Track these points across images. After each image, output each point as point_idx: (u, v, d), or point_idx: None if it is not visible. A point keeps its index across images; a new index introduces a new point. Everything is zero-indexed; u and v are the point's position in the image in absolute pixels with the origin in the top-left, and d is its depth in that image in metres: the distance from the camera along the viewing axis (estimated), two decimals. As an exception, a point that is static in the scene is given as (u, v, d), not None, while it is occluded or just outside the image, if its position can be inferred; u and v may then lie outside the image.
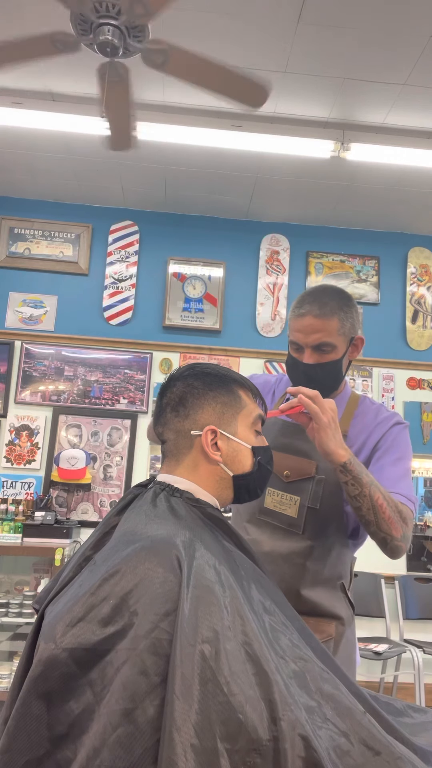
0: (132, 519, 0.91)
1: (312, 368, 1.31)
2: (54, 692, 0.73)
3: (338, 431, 1.15)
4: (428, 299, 4.16)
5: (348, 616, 1.33)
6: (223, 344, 3.98)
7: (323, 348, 1.31)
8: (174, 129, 3.08)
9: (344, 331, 1.32)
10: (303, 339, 1.31)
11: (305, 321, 1.31)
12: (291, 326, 1.36)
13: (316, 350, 1.31)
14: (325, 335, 1.30)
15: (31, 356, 3.87)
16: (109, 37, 2.00)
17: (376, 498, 1.14)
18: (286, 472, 1.35)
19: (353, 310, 1.36)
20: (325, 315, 1.30)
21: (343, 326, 1.32)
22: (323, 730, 0.72)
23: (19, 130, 3.23)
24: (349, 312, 1.34)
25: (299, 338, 1.32)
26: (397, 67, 2.70)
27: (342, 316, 1.32)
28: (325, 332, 1.30)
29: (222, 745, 0.65)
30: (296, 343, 1.33)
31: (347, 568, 1.37)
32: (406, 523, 1.19)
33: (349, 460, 1.14)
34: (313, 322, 1.30)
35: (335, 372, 1.34)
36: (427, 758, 0.84)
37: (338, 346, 1.31)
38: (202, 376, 1.01)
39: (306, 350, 1.32)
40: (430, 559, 3.83)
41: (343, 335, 1.32)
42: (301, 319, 1.32)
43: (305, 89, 2.88)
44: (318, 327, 1.29)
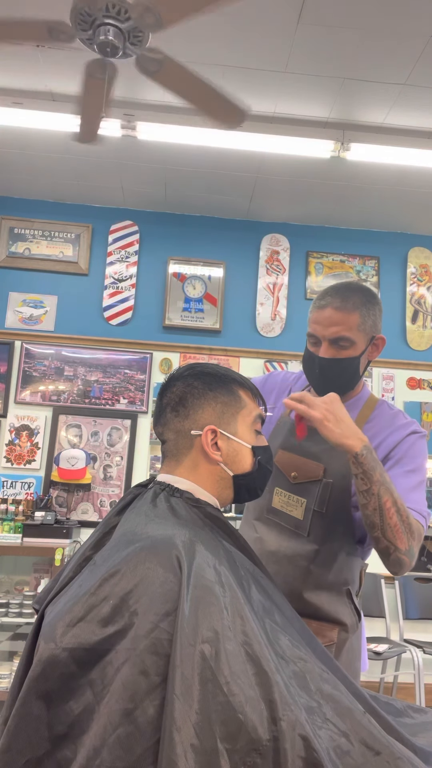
0: (132, 519, 0.91)
1: (327, 363, 1.27)
2: (54, 692, 0.73)
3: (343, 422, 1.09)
4: (428, 299, 4.16)
5: (353, 623, 1.30)
6: (223, 344, 3.98)
7: (341, 342, 1.26)
8: (174, 129, 3.08)
9: (365, 328, 1.27)
10: (321, 331, 1.27)
11: (325, 312, 1.27)
12: (310, 318, 1.31)
13: (333, 344, 1.26)
14: (345, 329, 1.25)
15: (31, 356, 3.87)
16: (110, 37, 2.00)
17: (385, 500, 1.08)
18: (294, 473, 1.31)
19: (377, 308, 1.31)
20: (346, 308, 1.26)
21: (364, 322, 1.27)
22: (323, 730, 0.73)
23: (19, 130, 3.23)
24: (372, 309, 1.30)
25: (317, 330, 1.28)
26: (397, 67, 2.69)
27: (364, 312, 1.27)
28: (345, 326, 1.25)
29: (222, 745, 0.65)
30: (314, 335, 1.29)
31: (354, 574, 1.33)
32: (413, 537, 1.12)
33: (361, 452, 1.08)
34: (333, 314, 1.26)
35: (352, 369, 1.28)
36: (427, 758, 0.84)
37: (357, 342, 1.27)
38: (202, 376, 1.01)
39: (323, 343, 1.28)
40: (430, 559, 3.83)
41: (364, 332, 1.27)
42: (321, 310, 1.28)
43: (305, 89, 2.88)
44: (337, 320, 1.25)
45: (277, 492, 1.34)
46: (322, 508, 1.28)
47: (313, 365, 1.30)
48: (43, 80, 2.93)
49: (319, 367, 1.28)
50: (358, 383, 1.36)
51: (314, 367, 1.30)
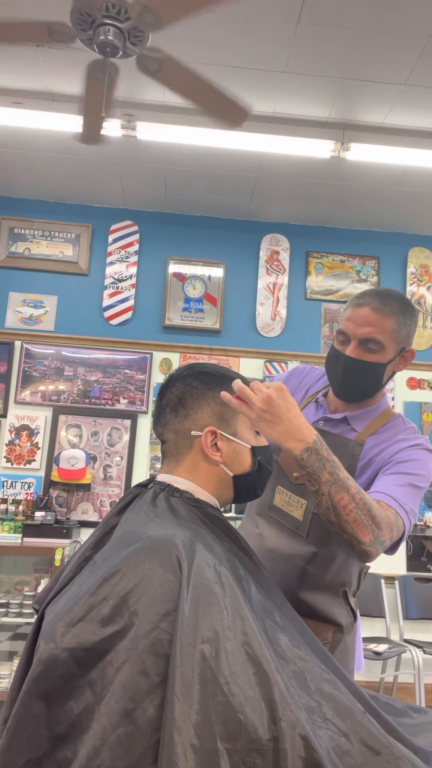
0: (132, 519, 0.91)
1: (352, 363, 1.23)
2: (54, 692, 0.73)
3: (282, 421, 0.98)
4: (428, 299, 4.16)
5: (348, 624, 1.30)
6: (223, 344, 3.98)
7: (370, 345, 1.23)
8: (174, 129, 3.07)
9: (398, 337, 1.24)
10: (353, 329, 1.23)
11: (362, 311, 1.23)
12: (344, 316, 1.28)
13: (362, 345, 1.23)
14: (378, 331, 1.22)
15: (31, 356, 3.87)
16: (110, 37, 2.00)
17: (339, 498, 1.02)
18: (296, 473, 1.29)
19: (413, 320, 1.28)
20: (384, 312, 1.23)
21: (398, 330, 1.24)
22: (323, 730, 0.72)
23: (19, 130, 3.23)
24: (409, 320, 1.27)
25: (349, 327, 1.24)
26: (397, 67, 2.69)
27: (401, 320, 1.24)
28: (379, 328, 1.22)
29: (222, 745, 0.65)
30: (344, 332, 1.25)
31: (352, 576, 1.33)
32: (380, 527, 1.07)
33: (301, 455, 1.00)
34: (370, 314, 1.22)
35: (376, 375, 1.24)
36: (427, 758, 0.84)
37: (387, 348, 1.23)
38: (201, 376, 1.01)
39: (352, 342, 1.23)
40: (430, 559, 3.83)
41: (396, 340, 1.24)
42: (358, 308, 1.24)
43: (305, 89, 2.88)
44: (373, 321, 1.22)
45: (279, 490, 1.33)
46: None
47: (336, 364, 1.26)
48: (43, 80, 2.93)
49: (343, 366, 1.24)
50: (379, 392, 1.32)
51: (338, 365, 1.26)
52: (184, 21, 2.00)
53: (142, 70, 2.22)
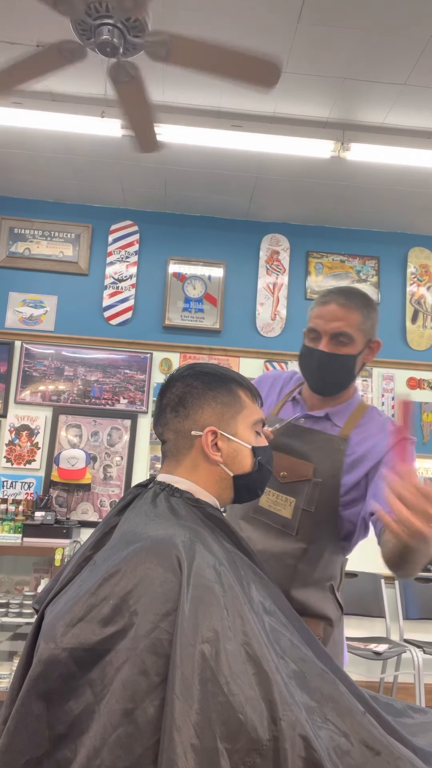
0: (132, 519, 0.91)
1: (327, 357, 1.30)
2: (54, 692, 0.73)
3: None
4: (428, 299, 4.16)
5: (336, 617, 1.33)
6: (223, 344, 3.98)
7: (341, 338, 1.30)
8: (174, 129, 3.07)
9: (364, 329, 1.32)
10: (323, 325, 1.31)
11: (329, 307, 1.31)
12: (312, 315, 1.35)
13: (333, 339, 1.30)
14: (346, 325, 1.29)
15: (31, 356, 3.87)
16: (107, 36, 1.99)
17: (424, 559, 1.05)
18: (283, 472, 1.33)
19: (375, 314, 1.37)
20: (349, 307, 1.30)
21: (364, 323, 1.32)
22: (323, 730, 0.72)
23: (19, 130, 3.23)
24: (372, 313, 1.35)
25: (319, 324, 1.31)
26: (397, 67, 2.69)
27: (365, 313, 1.32)
28: (347, 322, 1.29)
29: (222, 745, 0.65)
30: (315, 330, 1.32)
31: (338, 569, 1.37)
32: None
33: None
34: (337, 309, 1.30)
35: (348, 367, 1.32)
36: (427, 759, 0.84)
37: (356, 341, 1.31)
38: (202, 376, 1.01)
39: (324, 338, 1.31)
40: (430, 559, 3.83)
41: (363, 332, 1.32)
42: (324, 306, 1.32)
43: (305, 89, 2.87)
44: (340, 315, 1.30)
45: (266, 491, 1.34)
46: (310, 507, 1.29)
47: (311, 360, 1.33)
48: (43, 80, 2.93)
49: (318, 361, 1.31)
50: (351, 386, 1.39)
51: (312, 361, 1.32)
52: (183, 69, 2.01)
53: (154, 59, 2.15)
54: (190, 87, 2.90)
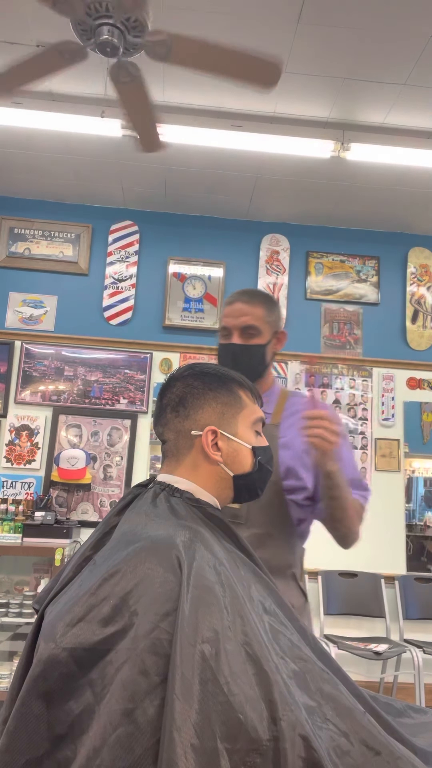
0: (132, 519, 0.91)
1: (239, 348, 1.45)
2: (54, 692, 0.73)
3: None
4: (428, 299, 4.16)
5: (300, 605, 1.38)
6: (223, 344, 3.98)
7: (249, 331, 1.45)
8: (174, 129, 3.08)
9: (269, 321, 1.48)
10: (232, 322, 1.46)
11: (235, 306, 1.48)
12: (222, 315, 1.51)
13: (243, 333, 1.45)
14: (252, 319, 1.45)
15: (31, 356, 3.87)
16: (107, 36, 1.99)
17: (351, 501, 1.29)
18: None
19: (277, 308, 1.54)
20: (253, 303, 1.47)
21: (268, 315, 1.48)
22: (323, 730, 0.72)
23: (19, 130, 3.23)
24: (274, 308, 1.52)
25: (229, 322, 1.47)
26: (397, 67, 2.70)
27: (268, 308, 1.49)
28: (252, 316, 1.45)
29: (222, 745, 0.65)
30: (226, 327, 1.48)
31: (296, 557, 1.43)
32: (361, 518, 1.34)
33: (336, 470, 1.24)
34: (242, 306, 1.47)
35: (260, 355, 1.47)
36: (427, 759, 0.84)
37: (263, 332, 1.46)
38: (202, 376, 1.01)
39: (234, 333, 1.46)
40: (430, 559, 3.83)
41: (269, 324, 1.47)
42: (231, 305, 1.49)
43: (305, 89, 2.88)
44: (246, 311, 1.46)
45: None
46: None
47: (227, 354, 1.47)
48: (44, 81, 2.93)
49: (233, 353, 1.45)
50: (267, 374, 1.52)
51: (228, 355, 1.46)
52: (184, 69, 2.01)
53: (155, 58, 2.15)
54: (190, 87, 2.90)
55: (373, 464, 3.85)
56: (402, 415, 3.94)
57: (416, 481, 3.97)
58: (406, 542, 3.78)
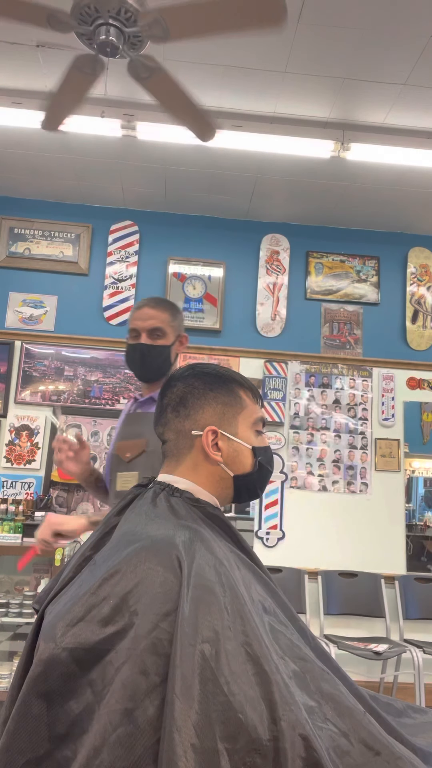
0: (132, 519, 0.91)
1: (147, 348, 1.62)
2: (54, 692, 0.73)
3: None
4: (428, 299, 4.16)
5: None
6: (223, 344, 3.98)
7: (156, 333, 1.62)
8: (174, 129, 3.07)
9: (174, 325, 1.65)
10: (141, 324, 1.63)
11: (143, 310, 1.65)
12: (131, 319, 1.67)
13: (150, 334, 1.62)
14: (159, 321, 1.63)
15: (31, 356, 3.87)
16: (111, 38, 1.99)
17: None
18: (128, 454, 1.58)
19: (180, 315, 1.71)
20: (159, 308, 1.65)
21: (173, 320, 1.65)
22: (323, 730, 0.73)
23: (19, 130, 3.23)
24: (178, 314, 1.69)
25: (137, 324, 1.64)
26: (397, 67, 2.69)
27: (172, 313, 1.66)
28: (159, 319, 1.63)
29: (222, 745, 0.65)
30: (135, 329, 1.64)
31: None
32: None
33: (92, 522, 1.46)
34: (149, 310, 1.64)
35: (165, 355, 1.64)
36: (427, 759, 0.84)
37: (168, 334, 1.64)
38: (203, 376, 1.01)
39: (143, 334, 1.63)
40: (430, 559, 3.83)
41: (173, 328, 1.65)
42: (140, 310, 1.66)
43: (305, 89, 2.88)
44: (153, 315, 1.64)
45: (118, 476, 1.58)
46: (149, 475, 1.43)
47: (134, 354, 1.64)
48: (43, 80, 2.93)
49: (140, 352, 1.62)
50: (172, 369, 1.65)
51: (136, 354, 1.64)
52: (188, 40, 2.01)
53: (132, 74, 2.20)
54: (190, 87, 2.89)
55: (373, 464, 3.85)
56: (402, 415, 3.94)
57: (416, 481, 3.97)
58: (406, 542, 3.78)
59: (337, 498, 3.80)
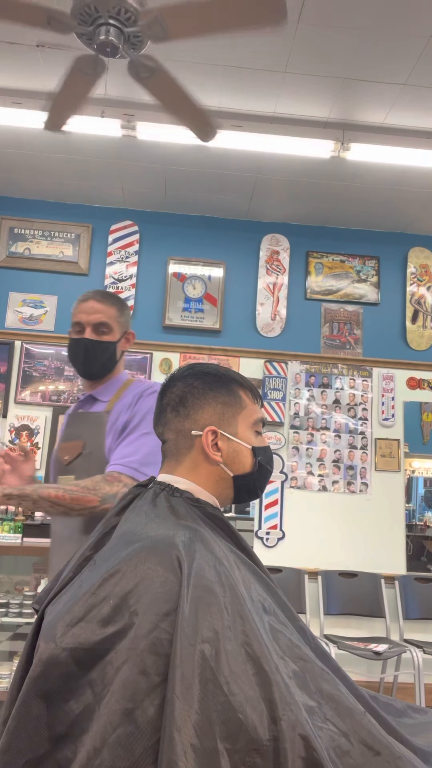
0: (132, 519, 0.91)
1: (92, 343, 1.53)
2: (54, 692, 0.73)
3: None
4: (428, 299, 4.16)
5: None
6: (223, 344, 3.98)
7: (102, 328, 1.54)
8: (174, 129, 3.07)
9: (121, 321, 1.58)
10: (86, 318, 1.54)
11: (89, 303, 1.56)
12: (75, 311, 1.57)
13: (96, 329, 1.54)
14: (105, 316, 1.55)
15: (31, 356, 3.87)
16: (112, 38, 1.99)
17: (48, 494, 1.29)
18: (66, 456, 1.53)
19: (127, 311, 1.64)
20: (106, 302, 1.57)
21: (120, 317, 1.58)
22: (323, 730, 0.72)
23: (19, 130, 3.23)
24: (125, 310, 1.62)
25: (82, 318, 1.55)
26: (397, 67, 2.69)
27: (119, 309, 1.59)
28: (105, 314, 1.55)
29: (222, 745, 0.65)
30: (80, 323, 1.55)
31: None
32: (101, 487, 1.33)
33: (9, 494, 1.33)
34: (96, 305, 1.56)
35: (110, 351, 1.56)
36: (427, 759, 0.84)
37: (114, 330, 1.56)
38: (203, 376, 1.01)
39: (87, 328, 1.54)
40: (430, 559, 3.83)
41: (120, 324, 1.57)
42: (85, 302, 1.56)
43: (305, 89, 2.88)
44: (99, 309, 1.55)
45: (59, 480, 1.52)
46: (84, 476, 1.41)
47: (78, 348, 1.55)
48: (43, 80, 2.93)
49: (84, 348, 1.53)
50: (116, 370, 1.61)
51: (79, 349, 1.54)
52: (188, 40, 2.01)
53: (132, 74, 2.21)
54: (190, 87, 2.90)
55: (373, 464, 3.85)
56: (402, 415, 3.94)
57: (416, 481, 3.97)
58: (406, 542, 3.78)
59: (337, 498, 3.80)
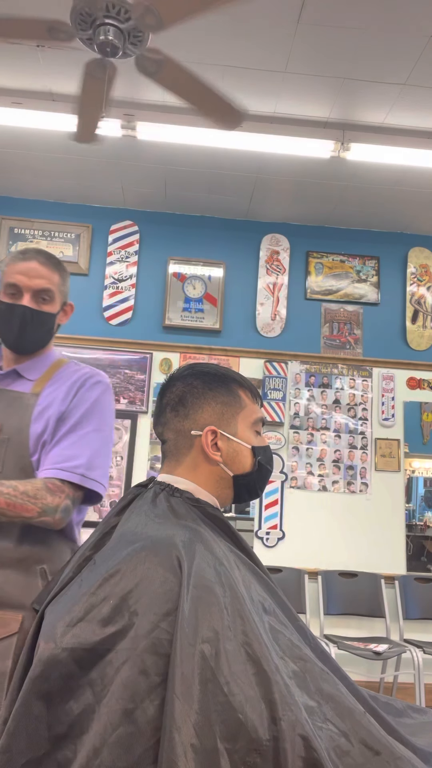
0: (132, 519, 0.91)
1: (31, 313, 1.30)
2: (54, 692, 0.73)
3: None
4: (428, 299, 4.16)
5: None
6: (223, 344, 3.98)
7: (44, 296, 1.31)
8: (174, 129, 3.07)
9: (62, 290, 1.36)
10: (26, 282, 1.30)
11: (31, 264, 1.31)
12: (10, 270, 1.32)
13: (36, 296, 1.31)
14: (49, 283, 1.32)
15: (31, 356, 3.87)
16: (110, 37, 2.00)
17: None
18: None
19: (68, 278, 1.41)
20: (50, 266, 1.33)
21: (63, 284, 1.36)
22: (323, 730, 0.73)
23: (19, 130, 3.23)
24: (67, 277, 1.39)
25: (21, 281, 1.30)
26: (397, 67, 2.69)
27: (63, 276, 1.37)
28: (49, 280, 1.32)
29: (222, 745, 0.65)
30: (16, 285, 1.30)
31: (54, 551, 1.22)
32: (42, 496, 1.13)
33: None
34: (39, 267, 1.31)
35: (49, 325, 1.35)
36: (427, 759, 0.84)
37: (55, 300, 1.34)
38: (202, 376, 1.01)
39: (26, 294, 1.30)
40: (430, 559, 3.83)
41: (61, 293, 1.36)
42: (26, 262, 1.31)
43: (305, 89, 2.88)
44: (43, 274, 1.31)
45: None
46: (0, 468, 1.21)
47: (12, 316, 1.30)
48: (43, 80, 2.93)
49: (21, 316, 1.29)
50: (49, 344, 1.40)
51: (14, 317, 1.29)
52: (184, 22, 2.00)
53: (141, 71, 2.23)
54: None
55: (373, 464, 3.85)
56: (402, 415, 3.93)
57: (416, 481, 3.97)
58: (406, 542, 3.77)
59: (337, 498, 3.80)
